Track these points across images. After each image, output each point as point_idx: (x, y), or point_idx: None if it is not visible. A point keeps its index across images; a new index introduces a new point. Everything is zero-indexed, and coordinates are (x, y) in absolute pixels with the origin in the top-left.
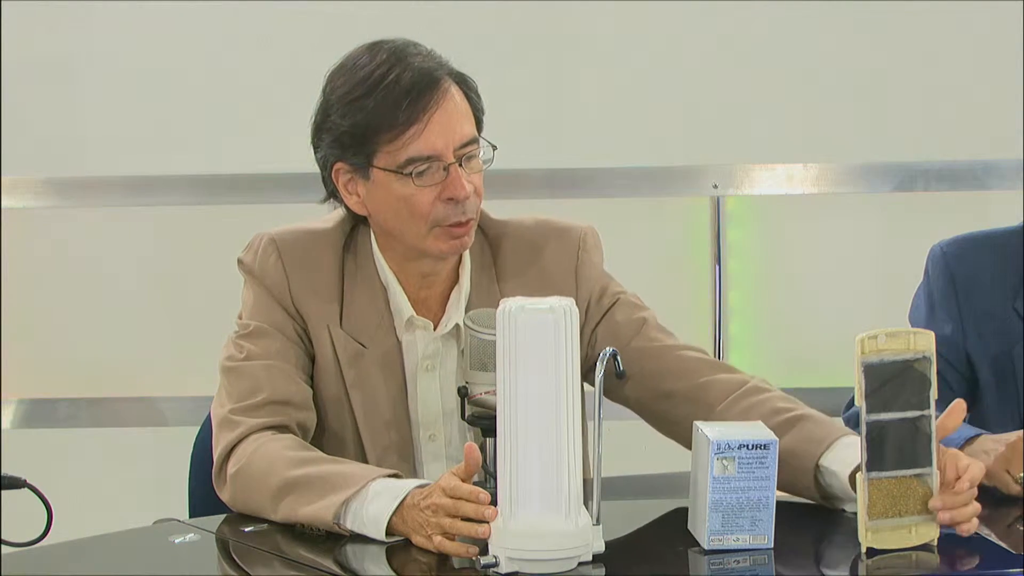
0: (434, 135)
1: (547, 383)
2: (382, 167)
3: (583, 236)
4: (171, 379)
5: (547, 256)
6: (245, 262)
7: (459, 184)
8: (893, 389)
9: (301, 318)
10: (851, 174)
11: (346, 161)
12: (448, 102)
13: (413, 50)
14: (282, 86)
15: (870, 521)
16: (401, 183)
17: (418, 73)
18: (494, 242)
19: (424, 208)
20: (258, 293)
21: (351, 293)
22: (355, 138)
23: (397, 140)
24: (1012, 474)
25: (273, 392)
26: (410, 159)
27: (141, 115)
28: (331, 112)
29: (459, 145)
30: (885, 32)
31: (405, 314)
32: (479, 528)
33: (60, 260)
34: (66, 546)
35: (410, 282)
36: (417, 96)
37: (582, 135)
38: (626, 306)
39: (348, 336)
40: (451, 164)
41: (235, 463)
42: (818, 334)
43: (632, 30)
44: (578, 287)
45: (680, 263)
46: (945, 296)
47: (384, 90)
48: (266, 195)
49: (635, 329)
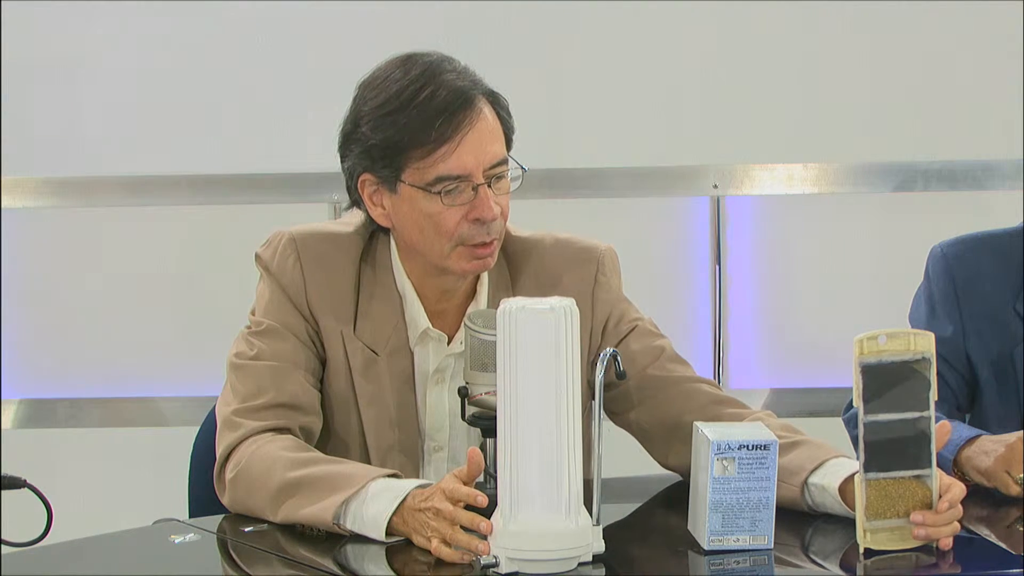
0: (465, 154)
1: (547, 383)
2: (410, 183)
3: (601, 258)
4: (171, 379)
5: (564, 277)
6: (263, 258)
7: (487, 205)
8: (892, 390)
9: (315, 321)
10: (851, 174)
11: (373, 173)
12: (481, 122)
13: (448, 66)
14: (282, 86)
15: (868, 522)
16: (428, 200)
17: (453, 92)
18: (512, 259)
19: (450, 227)
20: (274, 291)
21: (367, 300)
22: (385, 152)
23: (428, 157)
24: (1012, 475)
25: (278, 394)
26: (439, 177)
27: (141, 115)
28: (361, 124)
29: (489, 166)
30: (885, 32)
31: (420, 325)
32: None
33: (60, 260)
34: (66, 546)
35: (429, 295)
36: (451, 115)
37: (582, 135)
38: (643, 334)
39: (361, 343)
40: (480, 185)
41: (233, 466)
42: (818, 334)
43: (632, 30)
44: (594, 309)
45: (680, 263)
46: (945, 297)
47: (418, 107)
48: (266, 195)
49: (651, 358)
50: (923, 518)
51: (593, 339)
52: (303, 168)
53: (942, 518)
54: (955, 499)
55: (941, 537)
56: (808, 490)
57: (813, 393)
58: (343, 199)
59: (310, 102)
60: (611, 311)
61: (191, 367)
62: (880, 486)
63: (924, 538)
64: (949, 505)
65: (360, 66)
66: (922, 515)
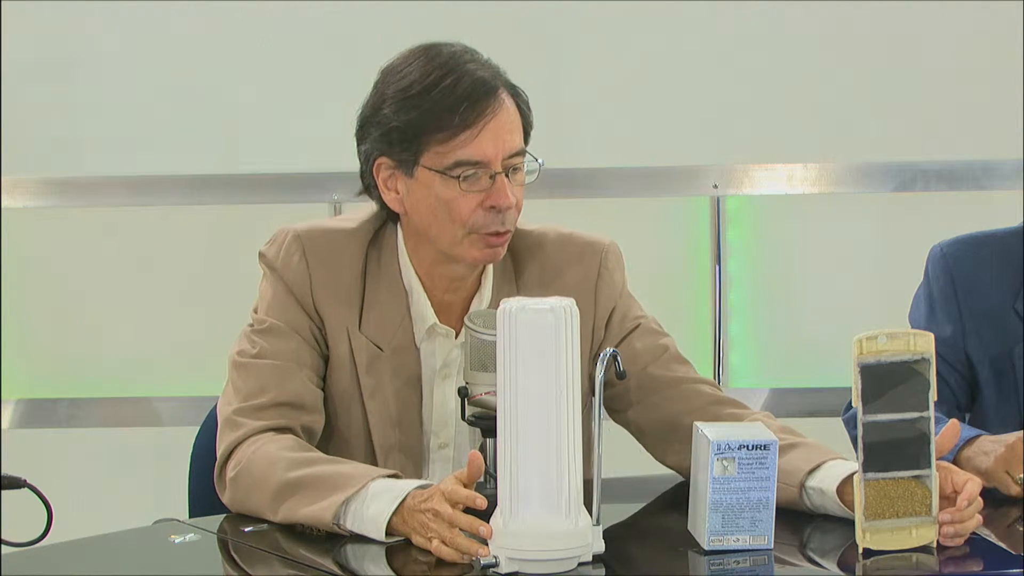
0: (486, 142)
1: (547, 383)
2: (428, 166)
3: (605, 253)
4: (171, 379)
5: (568, 270)
6: (268, 256)
7: (503, 194)
8: (892, 390)
9: (320, 318)
10: (851, 174)
11: (391, 157)
12: (503, 112)
13: (470, 57)
14: (283, 86)
15: (867, 522)
16: (445, 184)
17: (477, 80)
18: (517, 253)
19: (464, 213)
20: (278, 289)
21: (372, 295)
22: (405, 135)
23: (449, 142)
24: (1012, 475)
25: (280, 393)
26: (459, 162)
27: (141, 115)
28: (383, 107)
29: (508, 155)
30: (885, 32)
31: (428, 321)
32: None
33: (60, 260)
34: (66, 546)
35: (436, 285)
36: (474, 102)
37: (582, 135)
38: (647, 332)
39: (366, 339)
40: (498, 173)
41: (234, 466)
42: (818, 334)
43: (632, 30)
44: (597, 303)
45: (680, 263)
46: (945, 297)
47: (442, 92)
48: (266, 195)
49: (654, 356)
50: (951, 516)
51: (596, 333)
52: (303, 168)
53: (966, 513)
54: (972, 495)
55: (966, 533)
56: (807, 493)
57: (813, 393)
58: (343, 199)
59: (311, 102)
60: (615, 306)
61: (191, 367)
62: (879, 486)
63: (953, 535)
64: (969, 503)
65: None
66: (949, 513)
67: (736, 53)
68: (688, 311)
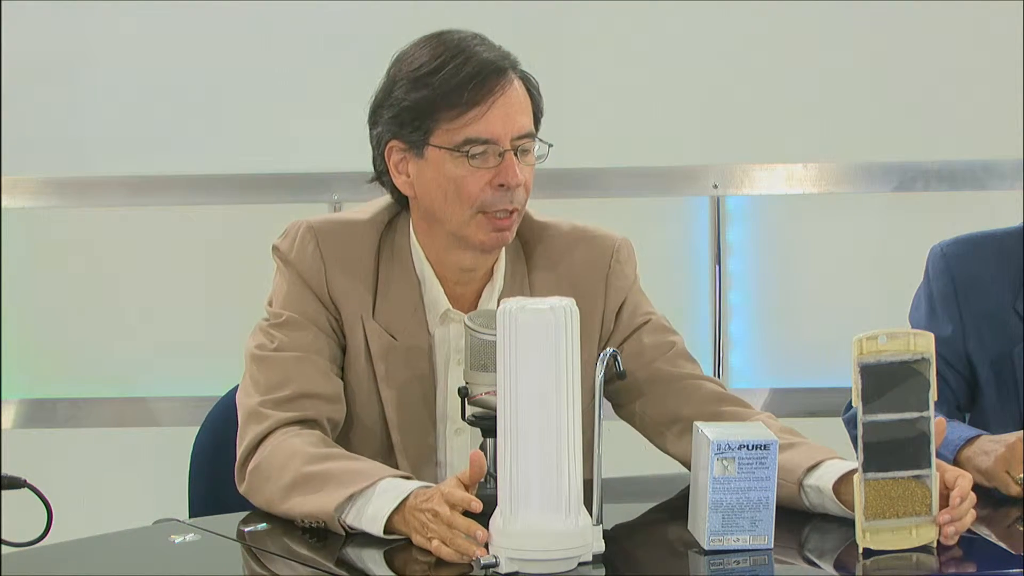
0: (495, 119)
1: (547, 383)
2: (438, 145)
3: (617, 247)
4: (171, 379)
5: (580, 262)
6: (281, 249)
7: (512, 171)
8: (892, 390)
9: (336, 308)
10: (851, 174)
11: (402, 139)
12: (512, 92)
13: (479, 41)
14: (282, 86)
15: (867, 522)
16: (455, 162)
17: (486, 61)
18: (529, 244)
19: (473, 191)
20: (292, 282)
21: (385, 284)
22: (416, 113)
23: (458, 120)
24: (1012, 475)
25: (302, 385)
26: (468, 139)
27: (141, 115)
28: (395, 89)
29: (517, 135)
30: (885, 32)
31: (441, 307)
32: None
33: (60, 260)
34: (66, 546)
35: (448, 276)
36: (483, 80)
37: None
38: (656, 328)
39: (380, 327)
40: (507, 151)
41: (258, 456)
42: (818, 334)
43: (632, 30)
44: (607, 295)
45: (680, 263)
46: (945, 297)
47: (451, 71)
48: (266, 195)
49: (661, 352)
50: (950, 515)
51: (605, 325)
52: (303, 168)
53: (962, 509)
54: (965, 491)
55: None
56: (805, 491)
57: (813, 393)
58: (343, 199)
59: (310, 102)
60: (625, 299)
61: (191, 367)
62: (879, 486)
63: (954, 535)
64: (961, 499)
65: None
66: (948, 513)
67: (736, 53)
68: (688, 311)
